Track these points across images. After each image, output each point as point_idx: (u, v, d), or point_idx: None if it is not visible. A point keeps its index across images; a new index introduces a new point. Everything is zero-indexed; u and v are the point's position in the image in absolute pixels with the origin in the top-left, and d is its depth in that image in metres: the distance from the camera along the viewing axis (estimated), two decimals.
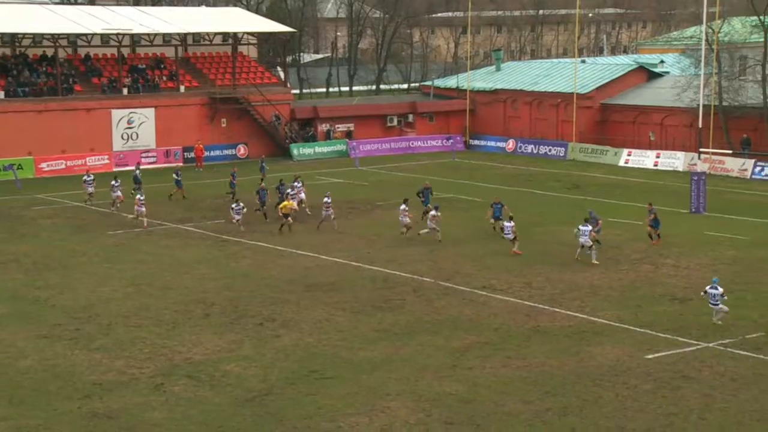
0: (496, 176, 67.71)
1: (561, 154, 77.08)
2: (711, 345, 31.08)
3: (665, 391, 27.17)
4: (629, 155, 73.47)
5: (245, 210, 49.65)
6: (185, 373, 29.05)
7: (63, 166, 69.61)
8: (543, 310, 35.03)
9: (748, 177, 66.31)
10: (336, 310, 35.10)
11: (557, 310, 35.02)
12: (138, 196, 50.64)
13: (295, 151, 76.78)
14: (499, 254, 43.10)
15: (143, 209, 49.92)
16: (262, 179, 56.97)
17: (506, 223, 43.75)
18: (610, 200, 57.70)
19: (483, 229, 48.27)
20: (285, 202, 49.68)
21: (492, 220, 47.43)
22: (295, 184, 53.52)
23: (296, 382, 27.96)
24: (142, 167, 63.05)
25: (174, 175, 58.98)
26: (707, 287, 33.05)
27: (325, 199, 49.62)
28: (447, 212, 53.17)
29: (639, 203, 55.92)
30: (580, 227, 41.68)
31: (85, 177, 57.39)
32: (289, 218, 48.58)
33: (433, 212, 46.58)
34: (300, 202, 52.41)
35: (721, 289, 32.47)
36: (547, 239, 46.55)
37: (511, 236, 43.30)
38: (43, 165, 69.01)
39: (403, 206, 46.87)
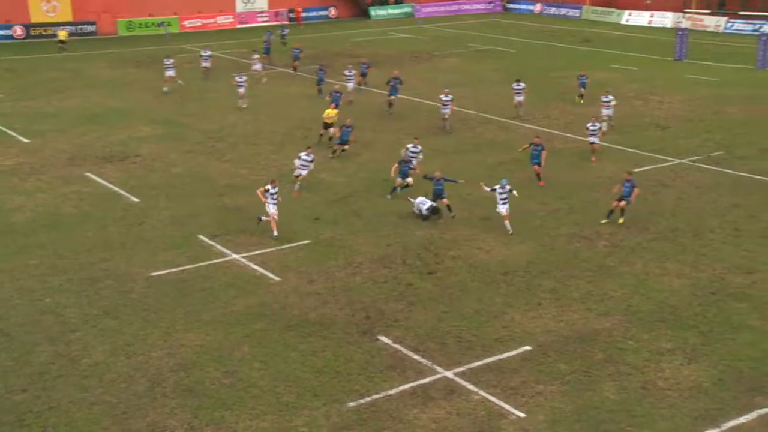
0: (526, 33, 65.75)
1: (577, 15, 74.29)
2: (683, 161, 30.62)
3: (648, 195, 26.99)
4: (629, 15, 70.66)
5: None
6: (290, 179, 29.41)
7: (199, 24, 68.96)
8: (558, 135, 34.62)
9: (721, 31, 63.68)
10: (402, 135, 34.95)
11: (569, 135, 34.58)
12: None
13: (372, 13, 75.05)
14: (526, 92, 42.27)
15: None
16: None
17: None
18: (613, 51, 55.91)
19: (514, 73, 47.19)
20: (328, 110, 33.69)
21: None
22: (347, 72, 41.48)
23: (371, 188, 28.21)
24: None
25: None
26: (497, 186, 24.33)
27: (443, 97, 35.66)
28: (488, 61, 52.16)
29: (636, 53, 54.27)
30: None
31: (202, 53, 48.89)
32: (331, 129, 32.71)
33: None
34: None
35: (508, 187, 24.14)
36: (563, 81, 45.48)
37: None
38: (185, 23, 68.44)
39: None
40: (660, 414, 15.22)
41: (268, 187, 23.78)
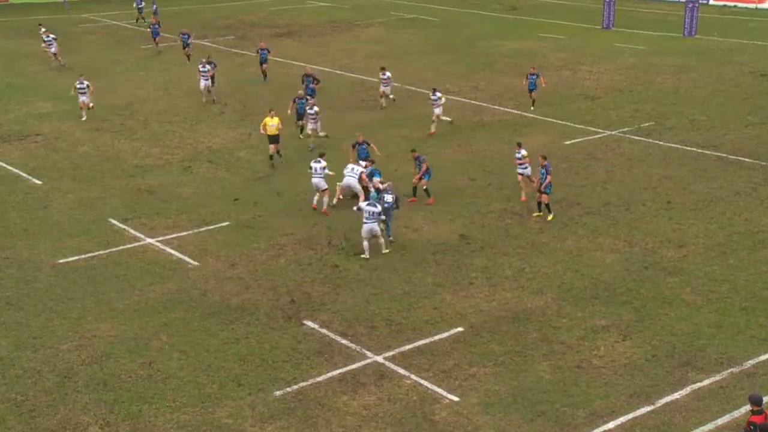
0: (450, 0, 65.92)
1: None
2: (614, 133, 31.23)
3: (578, 168, 27.50)
4: None
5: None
6: (207, 158, 29.08)
7: None
8: (486, 108, 34.92)
9: None
10: (324, 108, 34.75)
11: (497, 107, 34.90)
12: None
13: None
14: (453, 63, 42.55)
15: None
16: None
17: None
18: (540, 18, 56.57)
19: (440, 43, 47.47)
20: (266, 119, 28.05)
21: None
22: (202, 66, 36.12)
23: (292, 166, 28.03)
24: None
25: None
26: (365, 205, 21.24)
27: (309, 110, 30.34)
28: (412, 30, 52.21)
29: (563, 21, 54.98)
30: None
31: (44, 37, 44.01)
32: (278, 145, 28.08)
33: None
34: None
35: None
36: (490, 51, 45.92)
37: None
38: None
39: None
40: (595, 393, 15.57)
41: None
